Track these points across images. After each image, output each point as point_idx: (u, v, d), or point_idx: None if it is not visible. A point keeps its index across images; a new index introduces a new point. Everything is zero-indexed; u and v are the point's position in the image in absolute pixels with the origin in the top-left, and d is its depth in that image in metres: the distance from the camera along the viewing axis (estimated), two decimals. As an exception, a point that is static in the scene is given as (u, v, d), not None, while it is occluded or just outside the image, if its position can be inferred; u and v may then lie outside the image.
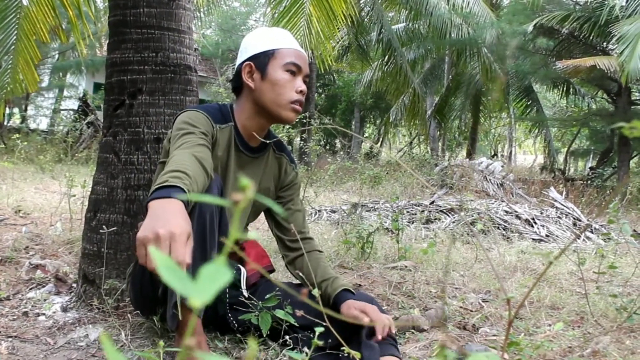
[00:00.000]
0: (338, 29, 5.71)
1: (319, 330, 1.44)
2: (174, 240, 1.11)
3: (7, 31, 3.93)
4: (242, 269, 1.87)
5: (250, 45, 1.78)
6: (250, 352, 0.35)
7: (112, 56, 2.22)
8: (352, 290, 1.78)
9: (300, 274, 1.86)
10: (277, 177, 1.96)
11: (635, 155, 11.71)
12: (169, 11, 2.21)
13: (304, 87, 1.76)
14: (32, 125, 14.70)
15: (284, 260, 1.97)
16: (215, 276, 0.33)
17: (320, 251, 1.94)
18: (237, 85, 1.80)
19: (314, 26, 5.19)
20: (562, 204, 5.45)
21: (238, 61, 1.81)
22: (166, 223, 1.13)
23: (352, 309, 1.66)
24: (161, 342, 1.20)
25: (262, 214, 2.04)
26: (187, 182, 1.32)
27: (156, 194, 1.25)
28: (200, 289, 0.32)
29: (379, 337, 1.56)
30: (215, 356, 0.34)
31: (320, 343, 1.45)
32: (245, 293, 1.83)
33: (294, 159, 2.04)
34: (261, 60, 1.74)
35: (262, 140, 1.84)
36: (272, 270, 2.05)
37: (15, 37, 3.94)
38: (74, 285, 2.38)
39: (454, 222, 4.81)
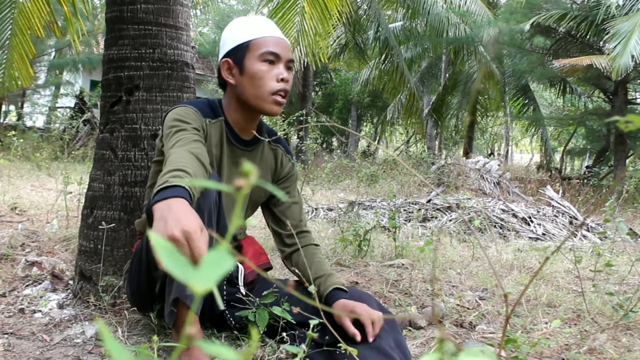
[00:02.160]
0: (333, 27, 5.70)
1: (313, 322, 1.44)
2: (191, 238, 1.11)
3: (1, 26, 3.91)
4: (240, 266, 1.87)
5: (226, 41, 1.75)
6: (253, 343, 0.34)
7: (109, 52, 2.21)
8: (344, 288, 1.76)
9: (297, 270, 1.85)
10: (273, 169, 1.94)
11: (631, 154, 11.74)
12: (166, 7, 2.20)
13: (285, 74, 1.70)
14: (29, 123, 14.67)
15: (280, 255, 1.96)
16: (218, 263, 0.33)
17: (316, 245, 1.93)
18: (221, 82, 1.79)
19: (307, 23, 5.18)
20: (558, 203, 5.46)
21: (219, 58, 1.79)
22: (177, 223, 1.13)
23: (344, 319, 1.60)
24: (155, 337, 1.19)
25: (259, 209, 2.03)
26: (187, 180, 1.31)
27: (159, 195, 1.25)
28: (203, 276, 0.32)
29: (370, 339, 1.54)
30: (214, 345, 0.34)
31: (316, 336, 1.45)
32: (243, 290, 1.82)
33: (290, 149, 2.01)
34: (238, 55, 1.71)
35: (259, 137, 1.83)
36: (269, 268, 2.04)
37: (10, 32, 3.92)
38: (70, 282, 2.38)
39: (450, 220, 4.81)
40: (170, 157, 1.45)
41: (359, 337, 1.54)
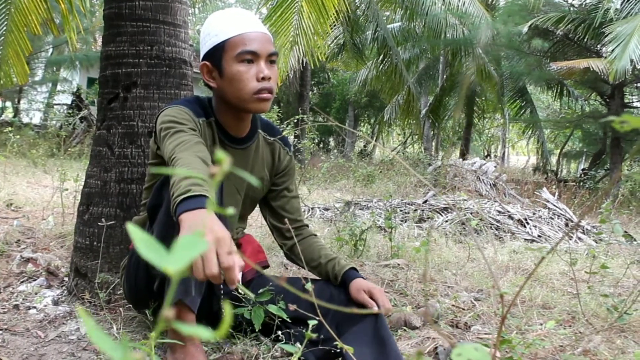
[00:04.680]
0: (331, 26, 5.70)
1: (312, 322, 1.44)
2: (220, 245, 1.13)
3: (-3, 22, 3.90)
4: (239, 265, 1.86)
5: (203, 42, 1.71)
6: (226, 318, 0.35)
7: (107, 49, 2.21)
8: (357, 269, 1.80)
9: (301, 258, 1.85)
10: (270, 164, 1.91)
11: (627, 158, 11.77)
12: (164, 4, 2.20)
13: (265, 72, 1.63)
14: (25, 119, 14.62)
15: (282, 249, 1.95)
16: (191, 246, 0.34)
17: (316, 235, 1.94)
18: (206, 84, 1.75)
19: (305, 22, 5.17)
20: (554, 205, 5.47)
21: (200, 58, 1.75)
22: (208, 231, 1.14)
23: (361, 292, 1.67)
24: (153, 334, 1.19)
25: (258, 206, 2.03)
26: (207, 189, 1.32)
27: (185, 206, 1.26)
28: (175, 259, 0.33)
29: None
30: (189, 326, 0.35)
31: (314, 336, 1.45)
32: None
33: (288, 141, 1.96)
34: (215, 57, 1.66)
35: (265, 133, 1.82)
36: (266, 266, 2.04)
37: (5, 29, 3.91)
38: (66, 279, 2.37)
39: (446, 221, 4.82)
40: (179, 162, 1.44)
41: (376, 308, 1.61)
